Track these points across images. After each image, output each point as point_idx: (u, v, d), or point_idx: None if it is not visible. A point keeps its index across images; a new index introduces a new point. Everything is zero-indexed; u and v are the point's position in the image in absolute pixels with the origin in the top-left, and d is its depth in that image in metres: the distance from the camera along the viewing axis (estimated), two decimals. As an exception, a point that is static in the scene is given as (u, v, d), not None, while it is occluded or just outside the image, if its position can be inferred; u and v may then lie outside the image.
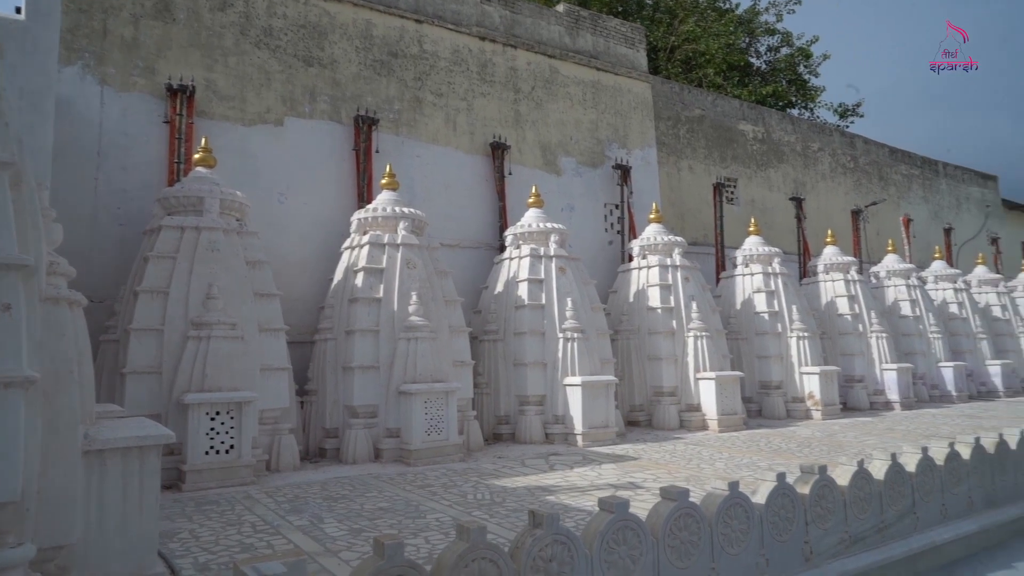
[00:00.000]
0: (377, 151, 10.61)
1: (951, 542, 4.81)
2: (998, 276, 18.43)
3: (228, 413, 6.58)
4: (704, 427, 10.25)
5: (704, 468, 6.97)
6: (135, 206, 8.63)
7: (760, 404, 12.00)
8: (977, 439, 5.36)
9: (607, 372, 9.79)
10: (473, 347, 9.39)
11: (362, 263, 8.47)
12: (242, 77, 9.74)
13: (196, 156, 8.18)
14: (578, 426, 8.95)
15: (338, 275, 8.88)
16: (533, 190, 11.09)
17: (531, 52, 12.97)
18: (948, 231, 22.52)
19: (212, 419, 6.51)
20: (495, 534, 4.37)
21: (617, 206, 13.72)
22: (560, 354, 9.41)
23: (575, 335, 9.43)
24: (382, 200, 9.15)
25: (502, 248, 11.03)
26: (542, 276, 9.89)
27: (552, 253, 10.09)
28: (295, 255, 9.65)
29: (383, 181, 9.43)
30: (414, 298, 8.18)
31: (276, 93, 10.00)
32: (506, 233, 10.74)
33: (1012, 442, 5.65)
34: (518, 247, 10.31)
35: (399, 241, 8.64)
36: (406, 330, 8.08)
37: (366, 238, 8.68)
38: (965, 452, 5.21)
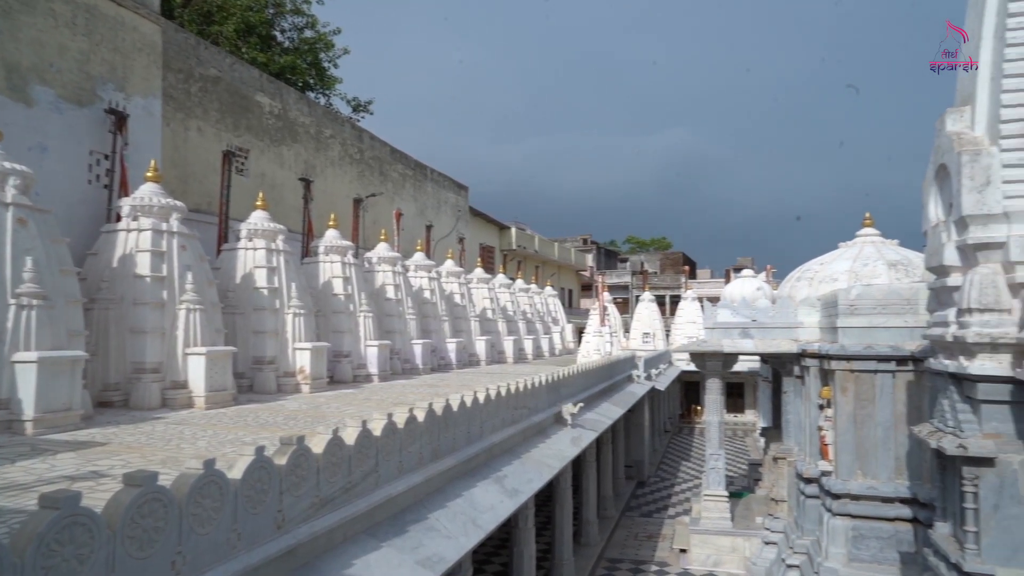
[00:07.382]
0: None
1: (404, 493, 5.63)
2: (461, 269, 22.35)
3: None
4: (190, 405, 9.72)
5: (185, 448, 6.60)
6: None
7: (252, 379, 11.97)
8: (430, 404, 6.38)
9: (76, 346, 8.41)
10: None
11: None
12: None
13: None
14: (28, 411, 7.46)
15: None
16: (-13, 117, 8.81)
17: (-2, -57, 10.26)
18: (429, 228, 26.29)
19: None
20: None
21: (107, 156, 11.92)
22: (11, 324, 7.70)
23: (34, 302, 7.84)
24: None
25: (-69, 184, 8.46)
26: (-9, 226, 7.93)
27: (9, 200, 8.16)
28: None
29: None
30: None
31: None
32: (-61, 165, 8.27)
33: (455, 405, 6.91)
34: (-43, 186, 8.05)
35: None
36: None
37: None
38: (421, 416, 6.14)
